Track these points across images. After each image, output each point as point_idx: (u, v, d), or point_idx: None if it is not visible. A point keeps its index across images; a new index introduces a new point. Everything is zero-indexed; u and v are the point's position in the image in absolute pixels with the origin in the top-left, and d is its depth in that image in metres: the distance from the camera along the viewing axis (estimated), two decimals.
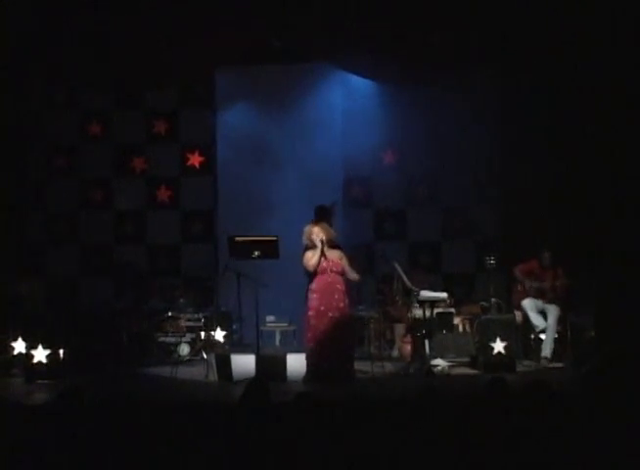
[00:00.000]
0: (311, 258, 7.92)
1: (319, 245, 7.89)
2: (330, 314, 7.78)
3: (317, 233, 7.95)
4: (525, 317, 9.03)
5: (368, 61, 10.29)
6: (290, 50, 10.26)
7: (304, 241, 8.08)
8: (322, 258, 7.89)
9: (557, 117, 9.70)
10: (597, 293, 8.89)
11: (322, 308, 7.80)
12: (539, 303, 8.98)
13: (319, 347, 7.74)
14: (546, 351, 8.76)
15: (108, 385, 7.60)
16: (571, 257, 9.06)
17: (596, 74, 8.92)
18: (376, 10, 9.68)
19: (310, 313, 7.84)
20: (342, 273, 7.97)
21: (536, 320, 8.90)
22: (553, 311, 8.88)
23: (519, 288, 9.16)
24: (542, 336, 8.91)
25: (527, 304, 8.98)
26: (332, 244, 8.05)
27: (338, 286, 7.90)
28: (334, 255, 7.99)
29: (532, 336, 9.05)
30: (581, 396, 4.70)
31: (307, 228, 8.10)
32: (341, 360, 7.73)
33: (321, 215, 8.57)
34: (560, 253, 9.12)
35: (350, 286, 8.26)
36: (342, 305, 7.86)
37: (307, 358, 7.79)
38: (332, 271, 7.90)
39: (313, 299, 7.87)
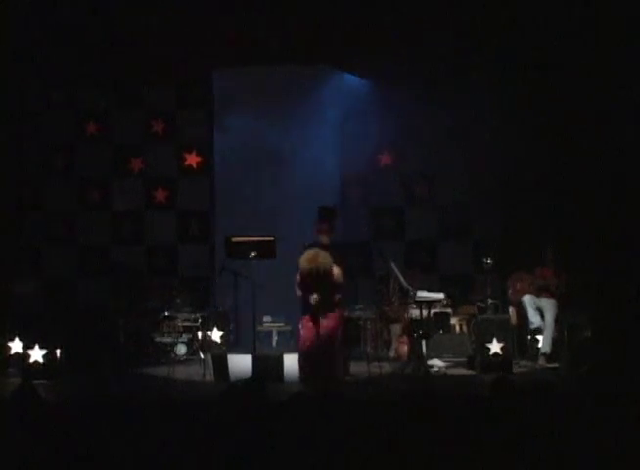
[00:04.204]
0: (298, 290, 7.88)
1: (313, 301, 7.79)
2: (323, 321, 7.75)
3: (313, 274, 7.75)
4: (521, 316, 9.03)
5: (366, 62, 10.31)
6: (288, 51, 10.27)
7: (300, 267, 7.88)
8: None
9: (557, 116, 9.71)
10: (595, 293, 8.91)
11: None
12: (538, 300, 8.98)
13: (310, 348, 7.73)
14: (546, 347, 8.74)
15: (104, 385, 7.59)
16: (569, 257, 9.07)
17: (596, 72, 8.94)
18: (374, 11, 9.70)
19: (307, 316, 7.85)
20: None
21: (534, 317, 8.88)
22: (550, 309, 8.88)
23: (517, 286, 9.16)
24: (539, 337, 8.91)
25: (528, 299, 8.96)
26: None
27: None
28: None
29: (529, 337, 9.06)
30: (579, 396, 4.71)
31: (303, 264, 7.84)
32: (323, 364, 7.70)
33: (325, 217, 8.43)
34: (559, 252, 9.14)
35: (348, 286, 8.24)
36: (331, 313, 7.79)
37: (299, 359, 7.80)
38: None
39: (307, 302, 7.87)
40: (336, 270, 7.83)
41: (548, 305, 8.93)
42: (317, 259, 7.77)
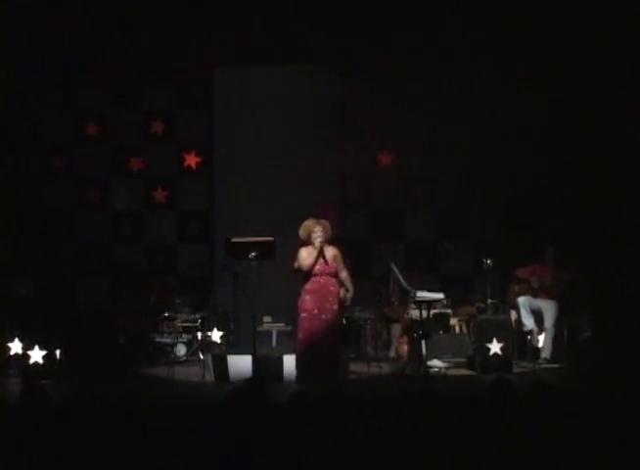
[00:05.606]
0: (307, 258, 7.78)
1: (317, 246, 7.78)
2: (323, 317, 7.68)
3: (318, 233, 7.81)
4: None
5: (366, 62, 10.31)
6: (288, 51, 10.27)
7: (301, 235, 7.91)
8: (319, 261, 7.80)
9: (557, 116, 9.70)
10: (595, 293, 8.89)
11: (315, 312, 7.70)
12: (535, 301, 8.96)
13: (308, 349, 7.67)
14: (545, 352, 8.73)
15: (104, 385, 7.58)
16: (569, 257, 9.07)
17: (597, 73, 8.92)
18: (373, 11, 9.71)
19: (304, 315, 7.75)
20: (336, 274, 7.87)
21: (526, 319, 8.86)
22: (550, 311, 8.86)
23: (516, 288, 9.15)
24: (539, 338, 8.90)
25: (522, 301, 8.93)
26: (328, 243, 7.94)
27: (331, 288, 7.78)
28: (328, 254, 7.83)
29: (529, 337, 9.05)
30: (579, 396, 4.71)
31: (309, 223, 7.89)
32: (325, 364, 7.62)
33: (322, 214, 8.46)
34: (559, 252, 9.14)
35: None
36: (334, 307, 7.74)
37: (296, 360, 7.73)
38: (326, 273, 7.79)
39: (307, 301, 7.76)
40: (334, 250, 7.85)
41: (547, 306, 8.89)
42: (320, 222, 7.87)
